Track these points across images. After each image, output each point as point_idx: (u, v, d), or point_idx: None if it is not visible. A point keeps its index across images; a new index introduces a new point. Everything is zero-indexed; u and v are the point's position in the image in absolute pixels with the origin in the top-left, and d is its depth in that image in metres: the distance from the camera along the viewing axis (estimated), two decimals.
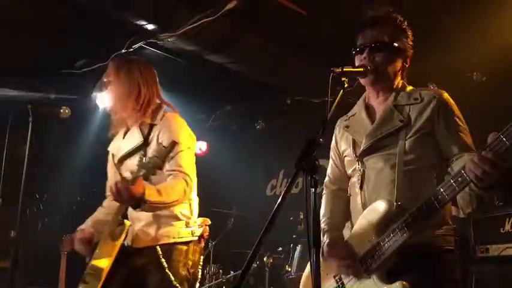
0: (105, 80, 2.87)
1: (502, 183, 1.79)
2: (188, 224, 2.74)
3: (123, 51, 5.03)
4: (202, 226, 2.81)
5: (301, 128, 6.49)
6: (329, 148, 2.50)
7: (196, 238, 2.77)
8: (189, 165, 2.68)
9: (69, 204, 4.96)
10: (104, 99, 2.96)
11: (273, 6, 4.46)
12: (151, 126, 2.78)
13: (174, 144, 2.50)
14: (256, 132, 6.97)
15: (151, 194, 2.43)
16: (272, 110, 6.80)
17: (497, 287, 3.81)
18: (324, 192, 2.47)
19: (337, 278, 2.22)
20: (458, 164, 1.99)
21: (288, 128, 6.80)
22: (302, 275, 2.50)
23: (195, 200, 2.84)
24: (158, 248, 2.64)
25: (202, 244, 2.84)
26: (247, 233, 5.40)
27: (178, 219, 2.71)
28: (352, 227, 2.27)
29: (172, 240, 2.67)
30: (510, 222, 3.90)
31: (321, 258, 1.67)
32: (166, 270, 2.60)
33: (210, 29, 4.62)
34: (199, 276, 2.79)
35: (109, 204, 2.91)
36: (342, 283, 2.20)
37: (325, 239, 2.24)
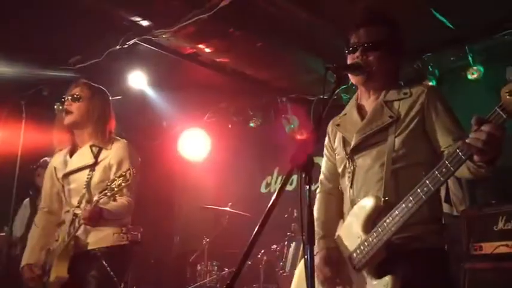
0: (75, 95, 3.15)
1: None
2: (123, 231, 3.09)
3: (117, 47, 5.00)
4: (135, 232, 3.26)
5: (296, 126, 6.49)
6: (324, 145, 2.50)
7: (129, 242, 3.12)
8: (132, 186, 3.02)
9: None
10: (68, 114, 3.16)
11: (268, 3, 4.45)
12: (101, 150, 3.10)
13: (120, 169, 2.98)
14: (250, 130, 6.96)
15: (105, 215, 2.86)
16: (267, 107, 6.80)
17: (491, 284, 3.82)
18: (318, 190, 2.47)
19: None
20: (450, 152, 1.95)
21: (283, 126, 6.78)
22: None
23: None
24: (99, 250, 2.99)
25: (133, 248, 3.25)
26: (241, 230, 5.38)
27: (115, 226, 3.06)
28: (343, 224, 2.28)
29: (110, 244, 3.03)
30: (503, 220, 3.91)
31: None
32: (108, 269, 2.94)
33: (204, 26, 4.60)
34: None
35: (47, 222, 3.22)
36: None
37: (319, 248, 2.24)
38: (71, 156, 3.18)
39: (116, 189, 2.80)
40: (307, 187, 1.68)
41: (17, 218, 4.70)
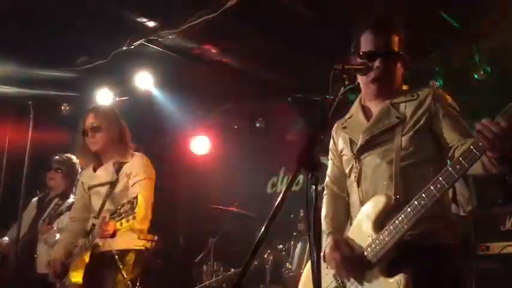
0: (94, 125, 3.47)
1: None
2: (140, 237, 3.33)
3: (124, 48, 5.02)
4: (150, 240, 3.41)
5: (302, 126, 6.49)
6: (329, 147, 2.50)
7: (144, 248, 3.37)
8: (147, 192, 3.32)
9: None
10: (93, 143, 3.50)
11: (274, 4, 4.45)
12: (122, 165, 3.41)
13: (136, 176, 3.33)
14: (256, 130, 6.96)
15: (120, 226, 3.05)
16: (273, 108, 6.79)
17: (498, 285, 3.81)
18: (324, 192, 2.48)
19: (337, 276, 2.22)
20: (463, 149, 1.95)
21: (289, 126, 6.79)
22: (302, 272, 2.51)
23: (147, 219, 3.47)
24: (115, 252, 3.23)
25: (149, 253, 3.47)
26: (247, 230, 5.39)
27: (133, 231, 3.27)
28: (351, 224, 2.27)
29: (126, 247, 3.28)
30: (511, 220, 3.89)
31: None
32: (122, 271, 3.18)
33: (210, 26, 4.61)
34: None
35: (73, 228, 3.55)
36: (343, 281, 2.20)
37: (328, 241, 2.24)
38: (95, 170, 3.53)
39: (123, 214, 3.04)
40: (314, 187, 1.69)
41: (24, 217, 4.70)
